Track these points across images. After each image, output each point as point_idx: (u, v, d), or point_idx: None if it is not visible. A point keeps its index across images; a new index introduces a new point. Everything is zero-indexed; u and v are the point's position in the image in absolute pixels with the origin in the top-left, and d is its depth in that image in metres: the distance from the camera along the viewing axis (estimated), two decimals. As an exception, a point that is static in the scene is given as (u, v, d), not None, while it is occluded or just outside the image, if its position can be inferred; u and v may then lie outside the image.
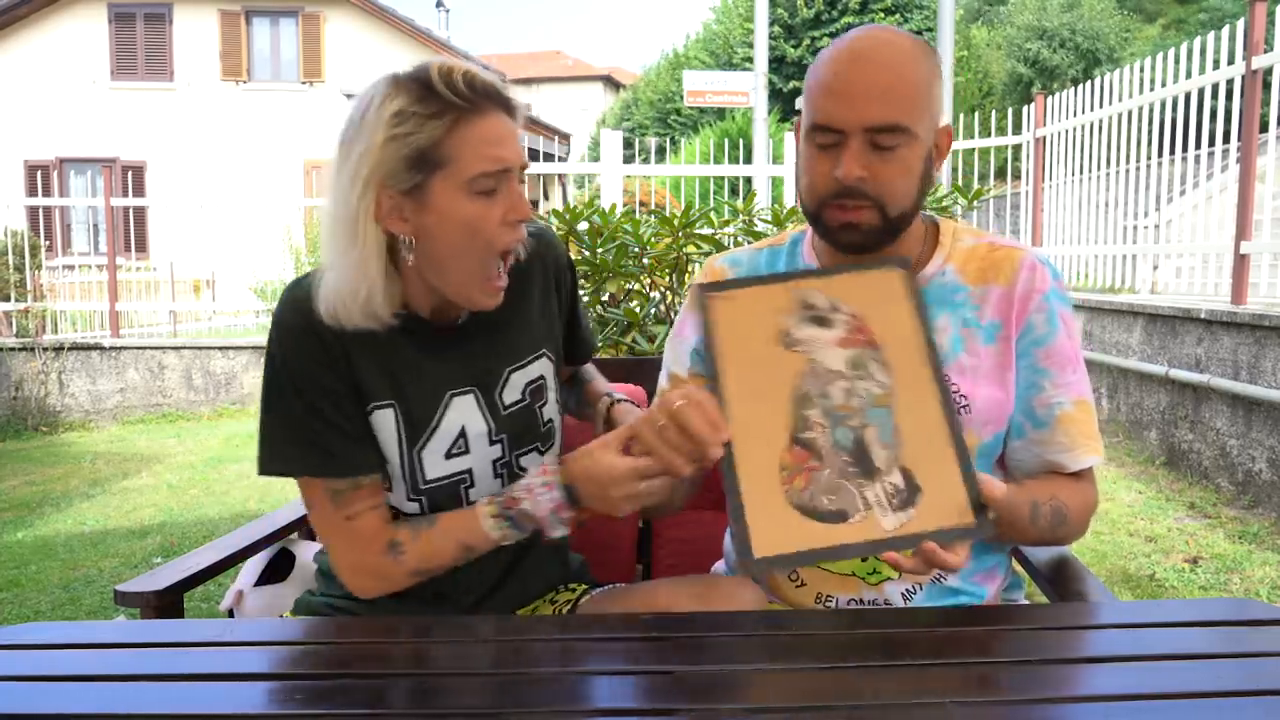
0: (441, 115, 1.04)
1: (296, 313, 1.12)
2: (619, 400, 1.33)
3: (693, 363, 1.28)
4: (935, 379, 1.00)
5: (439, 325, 1.18)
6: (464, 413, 1.18)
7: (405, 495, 1.17)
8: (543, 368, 1.25)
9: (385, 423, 1.15)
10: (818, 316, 1.03)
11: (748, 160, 7.64)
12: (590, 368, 1.44)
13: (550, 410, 1.26)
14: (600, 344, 2.57)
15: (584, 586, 1.33)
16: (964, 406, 1.15)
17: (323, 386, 1.11)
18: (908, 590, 1.19)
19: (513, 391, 1.22)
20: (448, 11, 22.92)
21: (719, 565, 1.41)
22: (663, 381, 1.34)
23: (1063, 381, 1.17)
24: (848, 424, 0.98)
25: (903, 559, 0.96)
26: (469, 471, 1.19)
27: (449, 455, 1.18)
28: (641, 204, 7.94)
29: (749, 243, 2.04)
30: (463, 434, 1.18)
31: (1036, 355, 1.17)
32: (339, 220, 1.08)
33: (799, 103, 1.26)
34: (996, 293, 1.17)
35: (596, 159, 13.81)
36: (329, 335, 1.11)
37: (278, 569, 1.56)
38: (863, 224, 1.12)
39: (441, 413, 1.17)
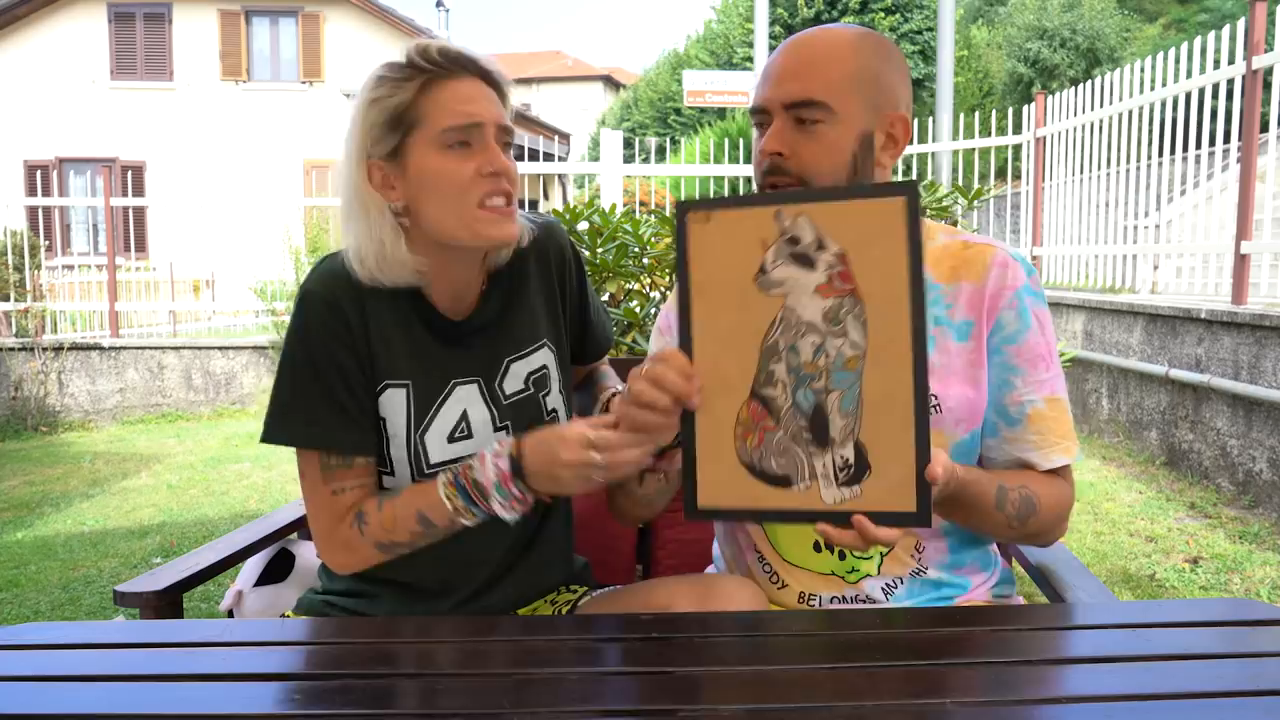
0: (413, 79, 1.11)
1: (324, 286, 1.15)
2: (619, 393, 1.32)
3: None
4: (913, 339, 0.94)
5: (453, 319, 1.20)
6: (465, 400, 1.20)
7: (410, 480, 1.18)
8: (544, 358, 1.26)
9: (396, 402, 1.17)
10: (800, 254, 0.97)
11: (748, 160, 7.63)
12: (607, 371, 1.44)
13: (554, 400, 1.27)
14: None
15: (585, 589, 1.33)
16: (934, 406, 1.14)
17: (338, 362, 1.14)
18: (888, 584, 1.18)
19: (514, 381, 1.23)
20: (448, 11, 22.93)
21: (709, 568, 1.41)
22: None
23: (1034, 379, 1.16)
24: (812, 386, 0.97)
25: (834, 532, 0.97)
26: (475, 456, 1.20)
27: (451, 439, 1.19)
28: (641, 204, 7.95)
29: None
30: (464, 418, 1.20)
31: (1008, 352, 1.16)
32: (348, 199, 1.14)
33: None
34: (968, 290, 1.16)
35: (596, 159, 13.80)
36: (353, 310, 1.14)
37: (277, 569, 1.56)
38: None
39: (444, 399, 1.19)
